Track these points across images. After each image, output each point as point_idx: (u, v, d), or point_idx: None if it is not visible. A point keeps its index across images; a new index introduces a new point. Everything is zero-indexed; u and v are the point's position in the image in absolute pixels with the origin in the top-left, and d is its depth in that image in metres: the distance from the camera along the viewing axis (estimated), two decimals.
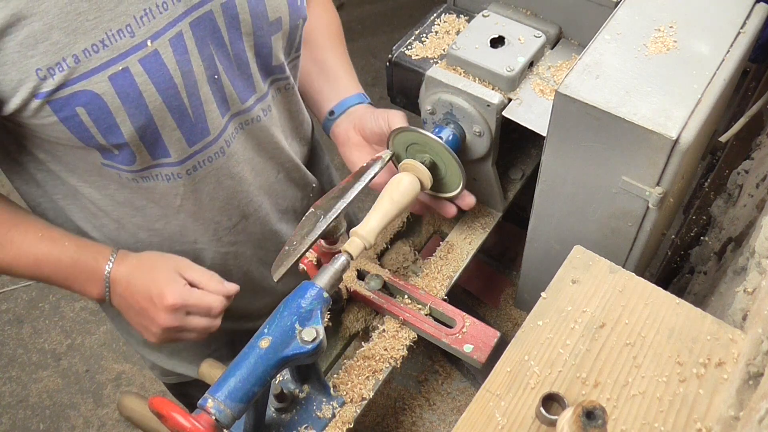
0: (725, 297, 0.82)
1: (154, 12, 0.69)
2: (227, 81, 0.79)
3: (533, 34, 0.91)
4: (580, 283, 0.69)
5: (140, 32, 0.68)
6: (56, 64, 0.65)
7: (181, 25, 0.71)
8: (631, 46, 0.74)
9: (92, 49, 0.66)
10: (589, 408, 0.51)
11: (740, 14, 0.77)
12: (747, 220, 0.90)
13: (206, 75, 0.76)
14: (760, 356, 0.54)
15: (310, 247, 0.79)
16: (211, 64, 0.76)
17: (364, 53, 3.08)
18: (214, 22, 0.75)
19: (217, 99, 0.78)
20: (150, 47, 0.69)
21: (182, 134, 0.77)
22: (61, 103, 0.67)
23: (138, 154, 0.76)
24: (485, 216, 1.02)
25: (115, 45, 0.67)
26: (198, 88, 0.75)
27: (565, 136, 0.74)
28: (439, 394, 1.08)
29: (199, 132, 0.78)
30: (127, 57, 0.68)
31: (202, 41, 0.74)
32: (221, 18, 0.75)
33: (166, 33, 0.70)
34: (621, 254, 0.82)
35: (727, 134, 0.92)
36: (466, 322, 0.84)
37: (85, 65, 0.66)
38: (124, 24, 0.67)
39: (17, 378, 2.25)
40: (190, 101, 0.75)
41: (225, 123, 0.81)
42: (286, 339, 0.72)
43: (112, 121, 0.70)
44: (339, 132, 0.95)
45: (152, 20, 0.69)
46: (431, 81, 0.90)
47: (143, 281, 0.81)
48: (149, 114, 0.72)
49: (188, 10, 0.72)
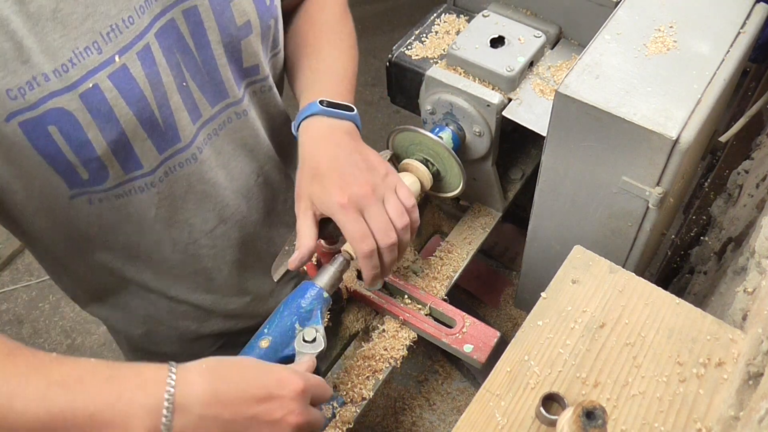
0: (725, 297, 0.82)
1: (120, 27, 0.68)
2: (195, 87, 0.78)
3: (533, 34, 0.91)
4: (580, 283, 0.69)
5: (107, 48, 0.68)
6: (26, 83, 0.64)
7: (147, 37, 0.71)
8: (631, 46, 0.74)
9: (62, 69, 0.65)
10: (589, 408, 0.51)
11: (740, 14, 0.77)
12: (747, 220, 0.90)
13: (175, 83, 0.75)
14: (760, 356, 0.54)
15: None
16: (179, 73, 0.76)
17: (364, 53, 3.07)
18: (178, 30, 0.74)
19: (187, 106, 0.78)
20: (118, 62, 0.69)
21: (153, 143, 0.76)
22: (33, 123, 0.66)
23: (111, 168, 0.74)
24: (485, 216, 1.02)
25: (83, 63, 0.66)
26: (168, 97, 0.75)
27: (565, 136, 0.74)
28: (439, 394, 1.08)
29: (170, 139, 0.77)
30: (96, 74, 0.67)
31: (169, 50, 0.74)
32: (184, 26, 0.74)
33: (133, 47, 0.70)
34: (621, 254, 0.82)
35: (727, 134, 0.92)
36: (466, 322, 0.84)
37: (56, 84, 0.65)
38: (91, 41, 0.67)
39: None
40: (161, 111, 0.74)
41: (197, 129, 0.80)
42: (286, 339, 0.72)
43: (83, 137, 0.69)
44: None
45: (119, 35, 0.68)
46: (431, 81, 0.90)
47: (241, 382, 0.62)
48: (120, 128, 0.71)
49: (152, 20, 0.71)
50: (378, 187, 0.77)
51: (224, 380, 0.61)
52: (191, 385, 0.59)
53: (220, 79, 0.81)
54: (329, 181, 0.77)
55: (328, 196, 0.76)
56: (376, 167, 0.79)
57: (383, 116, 2.82)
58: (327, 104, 0.82)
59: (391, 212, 0.77)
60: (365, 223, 0.76)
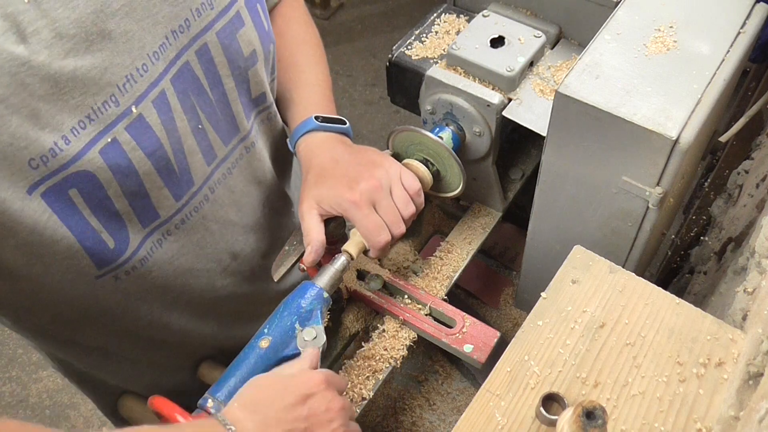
0: (725, 297, 0.82)
1: (135, 77, 0.66)
2: (210, 128, 0.77)
3: (533, 34, 0.91)
4: (580, 283, 0.69)
5: (124, 99, 0.65)
6: (49, 150, 0.60)
7: (162, 83, 0.69)
8: (631, 46, 0.74)
9: (79, 127, 0.62)
10: (589, 408, 0.51)
11: (740, 14, 0.77)
12: (747, 220, 0.90)
13: (189, 127, 0.74)
14: (760, 356, 0.54)
15: None
16: (194, 116, 0.74)
17: (364, 53, 3.08)
18: (193, 72, 0.73)
19: (202, 148, 0.76)
20: (135, 113, 0.66)
21: (169, 191, 0.74)
22: (56, 191, 0.63)
23: (129, 225, 0.71)
24: (485, 216, 1.02)
25: (101, 118, 0.64)
26: (182, 142, 0.73)
27: (565, 136, 0.74)
28: (439, 394, 1.08)
29: (184, 184, 0.75)
30: (114, 127, 0.65)
31: (184, 94, 0.72)
32: (198, 66, 0.73)
33: (148, 95, 0.68)
34: (621, 254, 0.82)
35: (727, 134, 0.92)
36: (466, 322, 0.84)
37: (76, 145, 0.62)
38: (109, 95, 0.64)
39: (17, 378, 2.25)
40: (176, 157, 0.73)
41: (211, 171, 0.79)
42: (286, 339, 0.72)
43: (103, 194, 0.66)
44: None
45: (134, 85, 0.66)
46: (431, 81, 0.90)
47: (276, 398, 0.65)
48: (139, 180, 0.69)
49: (167, 66, 0.69)
50: (383, 178, 0.80)
51: (262, 405, 0.64)
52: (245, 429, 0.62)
53: (232, 115, 0.80)
54: (336, 182, 0.79)
55: (339, 196, 0.78)
56: (377, 161, 0.82)
57: (383, 116, 2.82)
58: (322, 120, 0.87)
59: (398, 203, 0.81)
60: (379, 216, 0.79)
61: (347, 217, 0.80)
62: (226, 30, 0.75)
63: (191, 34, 0.71)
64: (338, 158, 0.83)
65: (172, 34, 0.69)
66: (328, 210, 0.80)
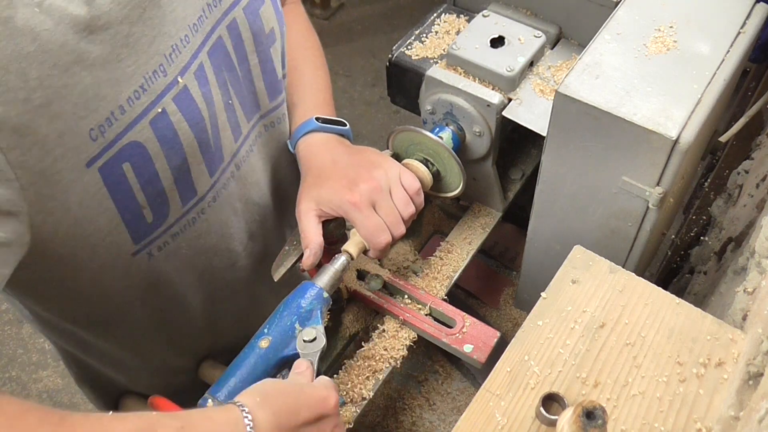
0: (725, 297, 0.82)
1: (179, 47, 0.66)
2: (237, 104, 0.78)
3: (533, 34, 0.91)
4: (580, 283, 0.69)
5: (171, 69, 0.66)
6: (106, 119, 0.61)
7: (201, 56, 0.70)
8: (631, 46, 0.74)
9: (134, 96, 0.62)
10: (589, 408, 0.51)
11: (740, 14, 0.77)
12: (747, 220, 0.90)
13: (222, 102, 0.74)
14: (760, 356, 0.54)
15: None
16: (225, 91, 0.75)
17: (364, 53, 3.08)
18: (225, 47, 0.73)
19: (231, 124, 0.77)
20: (180, 83, 0.67)
21: (206, 166, 0.74)
22: (111, 164, 0.63)
23: (171, 202, 0.72)
24: (485, 216, 1.02)
25: (152, 87, 0.64)
26: (217, 117, 0.74)
27: (565, 136, 0.74)
28: (439, 394, 1.08)
29: (217, 160, 0.76)
30: (164, 97, 0.65)
31: (218, 68, 0.73)
32: (228, 42, 0.74)
33: (190, 66, 0.68)
34: (621, 254, 0.82)
35: (727, 134, 0.91)
36: (466, 322, 0.84)
37: (130, 114, 0.63)
38: (158, 64, 0.64)
39: (17, 378, 2.25)
40: (212, 131, 0.73)
41: (237, 147, 0.80)
42: (286, 339, 0.72)
43: (152, 169, 0.67)
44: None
45: (179, 55, 0.66)
46: (431, 81, 0.90)
47: (294, 407, 0.64)
48: (183, 153, 0.69)
49: (204, 39, 0.70)
50: (383, 179, 0.80)
51: (280, 409, 0.63)
52: (261, 421, 0.61)
53: (254, 92, 0.81)
54: (336, 183, 0.80)
55: (339, 197, 0.78)
56: (376, 162, 0.82)
57: (383, 116, 2.82)
58: (323, 121, 0.88)
59: (398, 203, 0.81)
60: (379, 217, 0.79)
61: (347, 218, 0.80)
62: (251, 6, 0.76)
63: (223, 8, 0.72)
64: (338, 159, 0.83)
65: (208, 7, 0.70)
66: (328, 211, 0.80)
